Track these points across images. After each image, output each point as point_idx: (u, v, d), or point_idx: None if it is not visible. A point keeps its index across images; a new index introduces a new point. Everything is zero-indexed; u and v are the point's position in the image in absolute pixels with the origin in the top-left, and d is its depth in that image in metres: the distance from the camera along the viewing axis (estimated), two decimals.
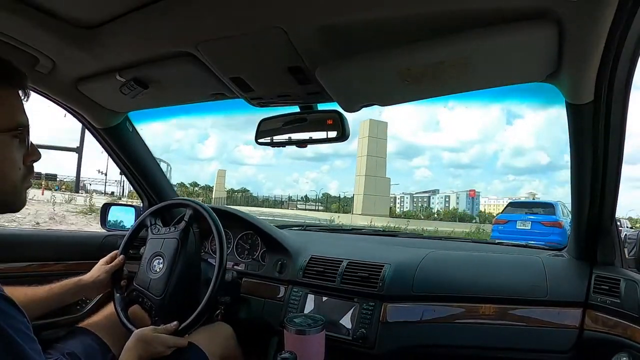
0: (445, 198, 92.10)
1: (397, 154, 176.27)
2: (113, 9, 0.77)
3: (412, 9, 0.66)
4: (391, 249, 1.32)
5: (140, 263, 1.11)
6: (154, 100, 1.15)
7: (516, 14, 0.64)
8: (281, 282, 1.26)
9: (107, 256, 1.12)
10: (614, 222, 0.99)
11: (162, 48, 0.87)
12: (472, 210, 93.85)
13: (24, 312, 0.51)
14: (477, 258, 1.22)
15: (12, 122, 0.60)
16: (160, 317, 1.02)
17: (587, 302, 0.96)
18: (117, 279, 1.10)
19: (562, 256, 1.17)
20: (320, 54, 0.80)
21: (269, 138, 1.08)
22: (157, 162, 1.53)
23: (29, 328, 0.51)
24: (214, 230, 1.09)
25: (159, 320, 1.01)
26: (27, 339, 0.49)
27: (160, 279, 1.05)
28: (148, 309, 1.05)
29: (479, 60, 0.74)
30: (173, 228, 1.11)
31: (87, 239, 1.43)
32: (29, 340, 0.49)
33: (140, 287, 1.07)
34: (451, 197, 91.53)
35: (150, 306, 1.04)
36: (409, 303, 1.09)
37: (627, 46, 0.65)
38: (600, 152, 0.85)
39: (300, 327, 0.91)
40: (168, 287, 1.03)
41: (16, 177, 0.61)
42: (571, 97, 0.79)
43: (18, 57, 0.90)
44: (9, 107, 0.60)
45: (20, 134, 0.61)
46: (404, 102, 0.96)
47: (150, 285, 1.06)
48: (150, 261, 1.09)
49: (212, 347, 1.01)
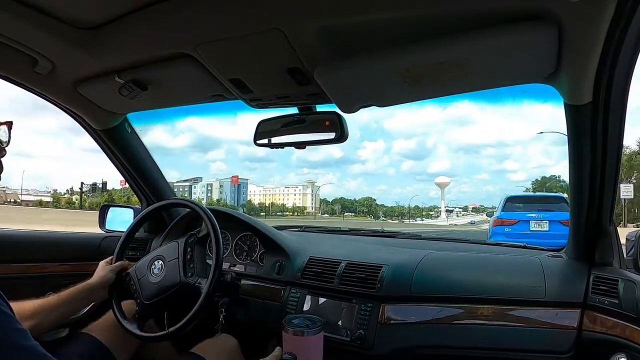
0: (208, 186, 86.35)
1: (192, 147, 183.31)
2: (112, 10, 0.77)
3: (411, 11, 0.67)
4: (389, 250, 1.32)
5: (144, 256, 1.12)
6: (152, 101, 1.16)
7: (515, 15, 0.64)
8: (280, 283, 1.26)
9: (108, 258, 1.12)
10: (613, 222, 0.99)
11: (161, 49, 0.88)
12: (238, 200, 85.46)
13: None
14: (475, 259, 1.22)
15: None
16: (141, 317, 1.04)
17: (585, 303, 0.96)
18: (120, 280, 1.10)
19: (561, 257, 1.17)
20: (319, 55, 0.80)
21: (267, 139, 1.08)
22: (155, 163, 1.52)
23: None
24: (210, 230, 1.09)
25: (138, 318, 1.03)
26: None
27: (155, 285, 1.05)
28: (134, 298, 1.07)
29: (477, 61, 0.74)
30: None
31: (86, 240, 1.43)
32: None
33: (136, 279, 1.07)
34: (214, 185, 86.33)
35: (136, 300, 1.06)
36: (407, 304, 1.09)
37: (625, 47, 0.66)
38: (598, 153, 0.85)
39: (299, 328, 0.91)
40: (158, 298, 1.04)
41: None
42: (570, 98, 0.80)
43: (17, 58, 0.90)
44: None
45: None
46: (403, 103, 0.96)
47: (143, 285, 1.06)
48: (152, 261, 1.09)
49: (218, 359, 1.01)
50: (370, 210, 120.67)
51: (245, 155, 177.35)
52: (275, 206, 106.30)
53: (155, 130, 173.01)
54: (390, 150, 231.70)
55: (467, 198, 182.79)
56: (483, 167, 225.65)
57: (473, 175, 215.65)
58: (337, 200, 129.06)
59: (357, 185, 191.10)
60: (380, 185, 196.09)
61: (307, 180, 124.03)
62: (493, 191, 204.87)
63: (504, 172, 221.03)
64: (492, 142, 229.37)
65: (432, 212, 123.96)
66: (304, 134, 1.03)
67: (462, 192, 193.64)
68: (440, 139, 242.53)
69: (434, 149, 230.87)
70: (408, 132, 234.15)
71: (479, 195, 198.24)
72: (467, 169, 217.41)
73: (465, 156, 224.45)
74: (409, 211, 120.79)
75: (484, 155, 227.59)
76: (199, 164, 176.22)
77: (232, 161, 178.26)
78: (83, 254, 1.34)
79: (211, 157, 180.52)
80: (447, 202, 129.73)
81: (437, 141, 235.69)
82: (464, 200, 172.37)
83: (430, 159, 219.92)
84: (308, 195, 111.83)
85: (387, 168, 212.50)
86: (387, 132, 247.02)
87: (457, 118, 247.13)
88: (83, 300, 1.02)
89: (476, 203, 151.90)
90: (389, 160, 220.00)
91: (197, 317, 1.00)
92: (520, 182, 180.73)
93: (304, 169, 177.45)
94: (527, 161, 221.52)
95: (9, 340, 0.49)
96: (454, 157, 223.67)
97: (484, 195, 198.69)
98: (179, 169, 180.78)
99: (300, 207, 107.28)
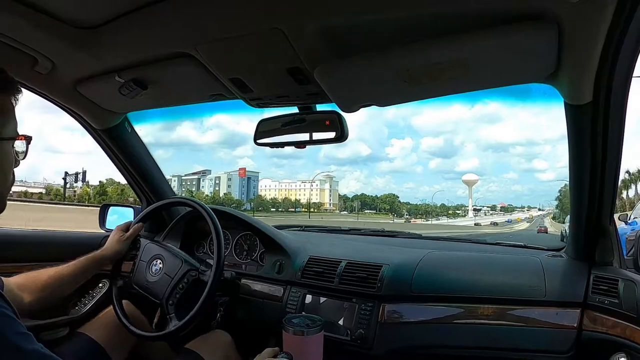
0: (216, 180, 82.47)
1: (220, 144, 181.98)
2: (112, 10, 0.77)
3: (411, 11, 0.67)
4: (390, 249, 1.32)
5: (137, 267, 1.12)
6: (152, 101, 1.16)
7: (515, 15, 0.64)
8: (280, 283, 1.26)
9: (122, 224, 1.15)
10: (613, 222, 0.99)
11: (161, 49, 0.88)
12: (247, 194, 79.17)
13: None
14: (475, 258, 1.22)
15: (12, 131, 0.62)
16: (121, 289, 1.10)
17: (585, 303, 0.96)
18: (132, 249, 1.14)
19: (561, 257, 1.17)
20: (320, 55, 0.80)
21: (267, 139, 1.08)
22: (155, 163, 1.52)
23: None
24: (212, 229, 1.09)
25: (175, 315, 1.03)
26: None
27: (145, 282, 1.08)
28: (150, 309, 1.09)
29: (478, 61, 0.74)
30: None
31: (86, 239, 1.43)
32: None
33: (140, 290, 1.09)
34: (222, 179, 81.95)
35: (154, 307, 1.07)
36: (407, 303, 1.09)
37: (625, 47, 0.66)
38: (598, 153, 0.85)
39: (299, 328, 0.91)
40: (141, 294, 1.07)
41: (8, 182, 0.63)
42: (570, 97, 0.80)
43: (17, 57, 0.90)
44: (7, 115, 0.61)
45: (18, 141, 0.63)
46: (403, 102, 0.96)
47: (139, 270, 1.09)
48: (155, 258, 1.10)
49: (212, 355, 1.02)
50: (392, 207, 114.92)
51: (273, 152, 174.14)
52: (289, 202, 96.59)
53: (184, 127, 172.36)
54: (418, 148, 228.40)
55: (495, 197, 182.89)
56: (512, 166, 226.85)
57: (501, 175, 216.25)
58: (357, 197, 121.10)
59: (384, 183, 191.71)
60: (408, 183, 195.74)
61: (324, 175, 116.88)
62: (521, 191, 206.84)
63: (533, 172, 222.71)
64: (522, 140, 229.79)
65: (459, 211, 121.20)
66: (304, 133, 1.03)
67: (490, 192, 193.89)
68: (469, 136, 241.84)
69: (461, 147, 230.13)
70: (436, 129, 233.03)
71: (508, 194, 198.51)
72: (495, 167, 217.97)
73: (494, 155, 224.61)
74: (435, 209, 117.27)
75: (512, 154, 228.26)
76: (226, 160, 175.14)
77: (259, 158, 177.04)
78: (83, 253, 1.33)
79: (239, 154, 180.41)
80: (474, 200, 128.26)
81: (466, 139, 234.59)
82: (492, 199, 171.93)
83: (458, 157, 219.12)
84: (326, 191, 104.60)
85: (414, 166, 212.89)
86: (414, 130, 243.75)
87: (486, 115, 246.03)
88: (96, 267, 1.05)
89: (504, 202, 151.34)
90: (416, 158, 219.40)
91: (199, 315, 1.01)
92: (549, 181, 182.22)
93: (332, 166, 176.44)
94: (556, 160, 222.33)
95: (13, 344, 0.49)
96: (482, 156, 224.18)
97: (512, 194, 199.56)
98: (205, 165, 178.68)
99: (316, 203, 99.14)
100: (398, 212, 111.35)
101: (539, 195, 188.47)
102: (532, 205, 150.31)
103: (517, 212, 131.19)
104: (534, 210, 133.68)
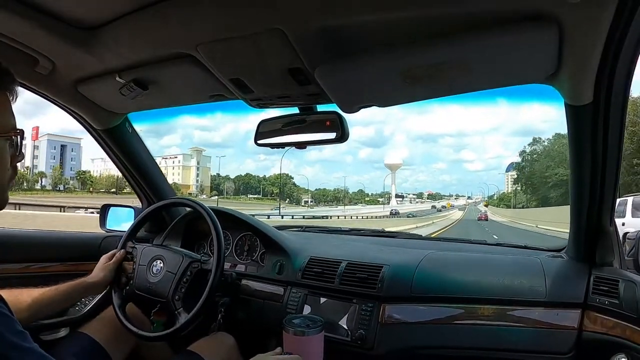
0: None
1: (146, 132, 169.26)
2: (113, 10, 0.77)
3: (412, 11, 0.67)
4: (390, 250, 1.32)
5: (136, 272, 1.11)
6: (153, 101, 1.16)
7: (516, 15, 0.64)
8: (280, 283, 1.26)
9: (109, 253, 1.13)
10: (613, 223, 0.99)
11: (161, 49, 0.88)
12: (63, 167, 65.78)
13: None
14: (476, 259, 1.22)
15: (6, 126, 0.61)
16: (124, 299, 1.08)
17: (586, 303, 0.96)
18: (119, 275, 1.11)
19: (561, 257, 1.17)
20: (320, 55, 0.80)
21: (268, 139, 1.08)
22: (156, 163, 1.53)
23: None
24: (212, 229, 1.09)
25: (183, 309, 1.03)
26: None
27: (147, 284, 1.07)
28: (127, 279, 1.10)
29: (478, 61, 0.74)
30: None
31: (87, 240, 1.43)
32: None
33: (144, 294, 1.08)
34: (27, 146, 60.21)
35: (129, 281, 1.09)
36: (407, 304, 1.09)
37: (626, 48, 0.66)
38: (599, 154, 0.85)
39: (300, 328, 0.91)
40: (146, 296, 1.06)
41: (5, 178, 0.62)
42: (570, 98, 0.80)
43: (18, 57, 0.90)
44: (2, 110, 0.61)
45: (13, 136, 0.62)
46: (403, 102, 0.96)
47: (140, 274, 1.09)
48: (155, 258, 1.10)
49: (214, 357, 1.01)
50: (286, 192, 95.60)
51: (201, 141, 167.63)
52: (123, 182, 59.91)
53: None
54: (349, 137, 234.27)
55: (423, 187, 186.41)
56: (440, 157, 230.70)
57: (430, 164, 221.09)
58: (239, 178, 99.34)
59: (314, 172, 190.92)
60: (337, 172, 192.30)
61: (191, 148, 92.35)
62: (449, 180, 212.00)
63: (461, 162, 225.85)
64: (452, 131, 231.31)
65: (381, 199, 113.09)
66: (304, 134, 1.02)
67: (418, 181, 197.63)
68: (399, 127, 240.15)
69: (391, 137, 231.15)
70: (366, 119, 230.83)
71: (435, 184, 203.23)
72: (424, 157, 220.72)
73: (424, 145, 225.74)
74: (346, 195, 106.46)
75: (442, 145, 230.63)
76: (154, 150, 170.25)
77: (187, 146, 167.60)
78: (83, 253, 1.34)
79: (165, 143, 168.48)
80: (400, 188, 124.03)
81: (396, 129, 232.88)
82: (420, 188, 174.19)
83: (388, 146, 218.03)
84: (192, 169, 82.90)
85: (344, 155, 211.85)
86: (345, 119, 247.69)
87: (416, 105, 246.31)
88: (80, 294, 1.04)
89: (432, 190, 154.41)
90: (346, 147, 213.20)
91: (198, 316, 1.01)
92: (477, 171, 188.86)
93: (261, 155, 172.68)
94: (484, 152, 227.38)
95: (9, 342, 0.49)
96: (412, 146, 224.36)
97: (440, 184, 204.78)
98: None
99: (177, 185, 69.85)
100: (293, 198, 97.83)
101: (466, 184, 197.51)
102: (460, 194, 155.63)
103: (444, 200, 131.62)
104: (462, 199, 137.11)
